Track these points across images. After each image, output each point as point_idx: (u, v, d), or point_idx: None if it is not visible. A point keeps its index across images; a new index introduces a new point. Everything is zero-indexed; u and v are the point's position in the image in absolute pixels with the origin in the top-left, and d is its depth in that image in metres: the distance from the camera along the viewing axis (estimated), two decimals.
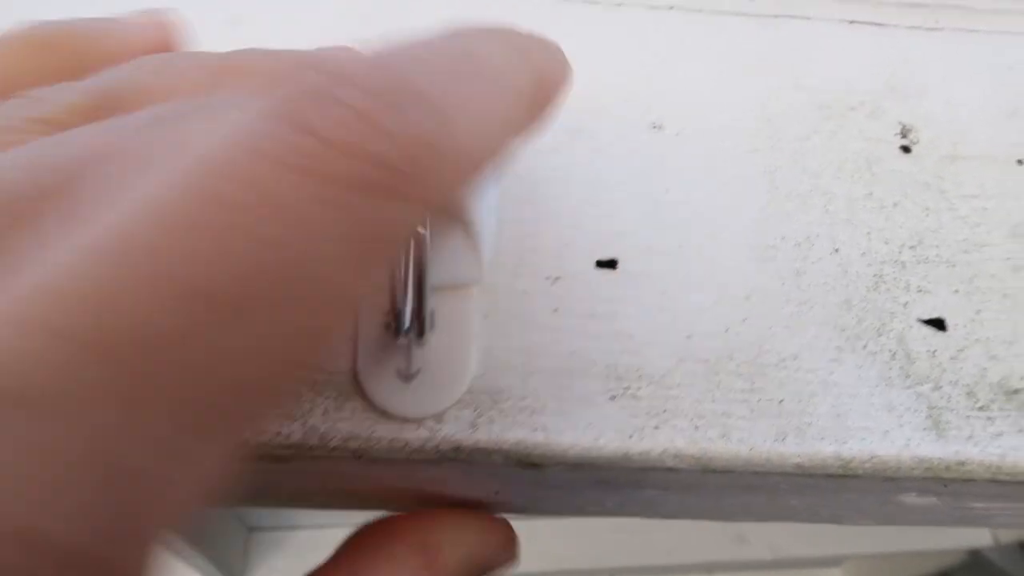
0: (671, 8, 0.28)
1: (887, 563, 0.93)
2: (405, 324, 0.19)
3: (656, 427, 0.21)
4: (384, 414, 0.20)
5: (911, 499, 0.23)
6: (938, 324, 0.23)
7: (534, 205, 0.24)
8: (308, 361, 0.13)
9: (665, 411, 0.21)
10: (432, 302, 0.21)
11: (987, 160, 0.26)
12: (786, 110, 0.26)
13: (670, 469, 0.21)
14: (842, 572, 0.96)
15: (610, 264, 0.23)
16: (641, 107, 0.26)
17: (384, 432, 0.20)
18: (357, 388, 0.21)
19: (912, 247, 0.24)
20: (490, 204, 0.23)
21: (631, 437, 0.21)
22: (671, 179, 0.24)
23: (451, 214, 0.22)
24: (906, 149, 0.26)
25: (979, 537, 0.86)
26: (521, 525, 0.23)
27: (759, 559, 0.89)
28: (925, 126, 0.26)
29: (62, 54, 0.18)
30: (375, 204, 0.12)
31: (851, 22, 0.28)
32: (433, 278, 0.21)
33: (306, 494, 0.24)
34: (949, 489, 0.22)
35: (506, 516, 0.24)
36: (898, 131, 0.26)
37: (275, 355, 0.12)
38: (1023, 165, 0.26)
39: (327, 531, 0.71)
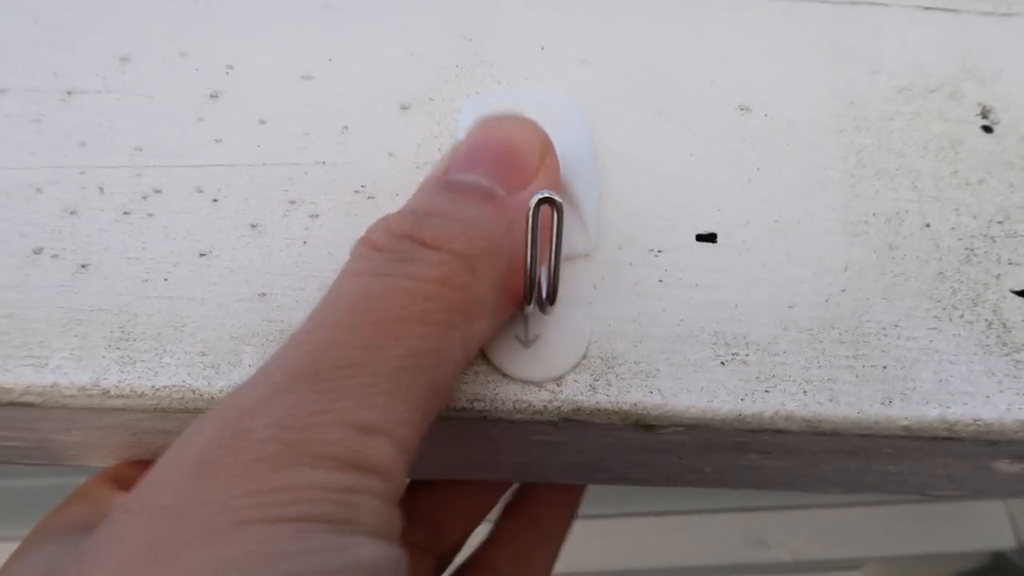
0: None
1: (907, 566, 0.93)
2: (536, 294, 0.20)
3: (767, 391, 0.22)
4: (506, 377, 0.21)
5: (1004, 466, 0.24)
6: None
7: (632, 181, 0.25)
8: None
9: (774, 376, 0.22)
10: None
11: None
12: (867, 93, 0.27)
13: (780, 431, 0.22)
14: (862, 575, 0.96)
15: (710, 238, 0.24)
16: (728, 89, 0.26)
17: (508, 394, 0.21)
18: (481, 353, 0.21)
19: (1000, 222, 0.25)
20: (591, 182, 0.24)
21: (743, 400, 0.21)
22: (761, 158, 0.25)
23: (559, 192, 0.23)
24: (987, 129, 0.26)
25: (1002, 539, 0.86)
26: None
27: (779, 561, 0.89)
28: (1005, 108, 0.27)
29: None
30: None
31: (926, 8, 0.29)
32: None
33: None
34: None
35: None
36: (978, 112, 0.27)
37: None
38: None
39: None
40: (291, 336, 0.18)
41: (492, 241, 0.19)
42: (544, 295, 0.20)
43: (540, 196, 0.19)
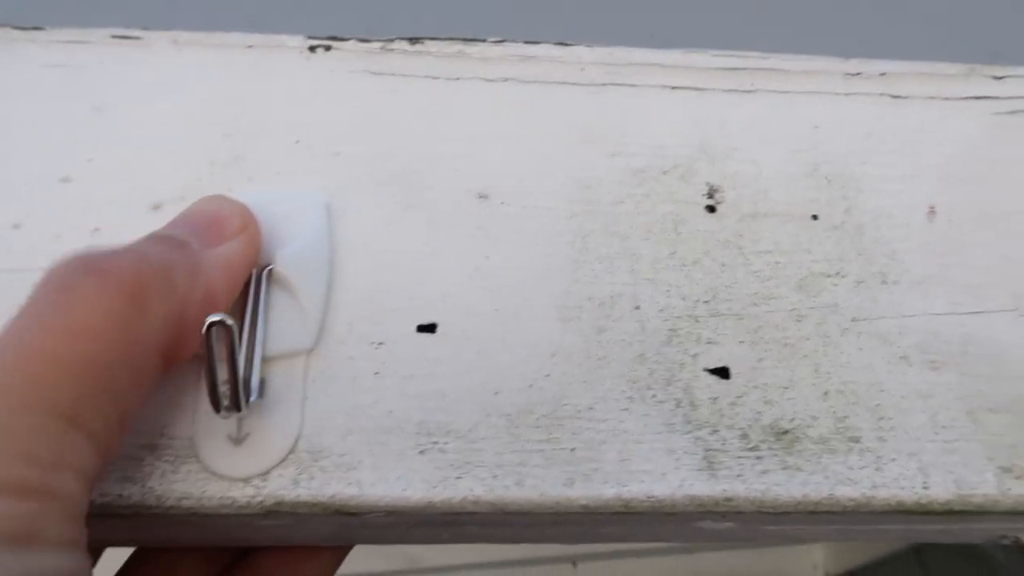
0: (506, 80, 0.30)
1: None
2: (221, 400, 0.22)
3: (459, 478, 0.24)
4: (214, 475, 0.23)
5: (708, 525, 0.26)
6: (722, 373, 0.26)
7: (366, 276, 0.26)
8: None
9: (468, 463, 0.24)
10: (260, 372, 0.24)
11: (785, 216, 0.29)
12: (603, 177, 0.29)
13: (471, 514, 0.24)
14: (822, 547, 0.99)
15: (430, 328, 0.26)
16: (471, 177, 0.28)
17: (214, 491, 0.23)
18: (193, 452, 0.23)
19: (706, 302, 0.27)
20: (320, 277, 0.26)
21: (435, 487, 0.23)
22: (492, 246, 0.27)
23: (283, 286, 0.25)
24: (711, 209, 0.29)
25: None
26: None
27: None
28: (731, 186, 0.29)
29: None
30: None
31: (673, 88, 0.31)
32: (268, 347, 0.24)
33: (165, 542, 0.27)
34: (739, 517, 0.25)
35: None
36: (705, 192, 0.29)
37: None
38: (817, 220, 0.29)
39: None
40: None
41: (166, 280, 0.21)
42: (229, 403, 0.22)
43: (212, 319, 0.21)
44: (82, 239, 0.26)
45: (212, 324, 0.21)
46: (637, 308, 0.27)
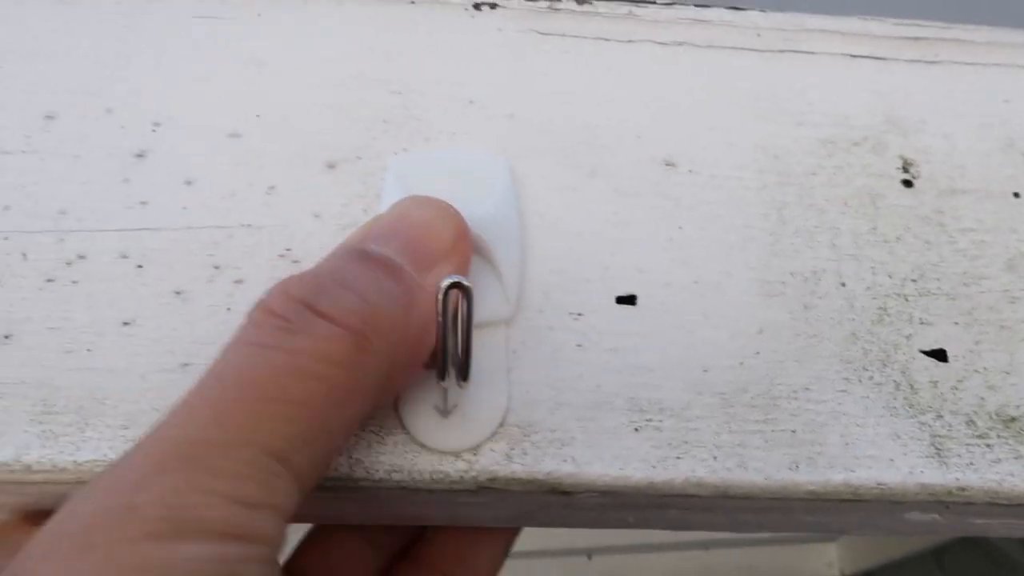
0: (681, 44, 0.29)
1: (882, 538, 0.95)
2: (448, 369, 0.20)
3: (678, 457, 0.22)
4: (424, 447, 0.22)
5: (915, 516, 0.25)
6: (939, 355, 0.24)
7: (555, 243, 0.25)
8: None
9: (685, 442, 0.22)
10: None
11: (983, 193, 0.27)
12: (791, 146, 0.27)
13: (689, 496, 0.22)
14: (837, 547, 0.98)
15: (629, 300, 0.24)
16: (654, 144, 0.27)
17: (425, 464, 0.21)
18: (399, 423, 0.22)
19: (914, 280, 0.25)
20: (514, 245, 0.24)
21: (655, 467, 0.22)
22: (684, 216, 0.26)
23: (478, 250, 0.23)
24: (907, 183, 0.27)
25: None
26: None
27: (756, 535, 0.91)
28: (925, 160, 0.28)
29: None
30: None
31: (852, 56, 0.29)
32: None
33: (358, 518, 0.26)
34: (951, 509, 0.24)
35: None
36: (899, 166, 0.27)
37: None
38: (1020, 199, 0.27)
39: None
40: (175, 408, 0.18)
41: (389, 319, 0.20)
42: (456, 373, 0.21)
43: (450, 280, 0.19)
44: (257, 196, 0.25)
45: (451, 286, 0.19)
46: (843, 285, 0.25)
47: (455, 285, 0.19)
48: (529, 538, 0.30)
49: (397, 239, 0.21)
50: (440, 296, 0.19)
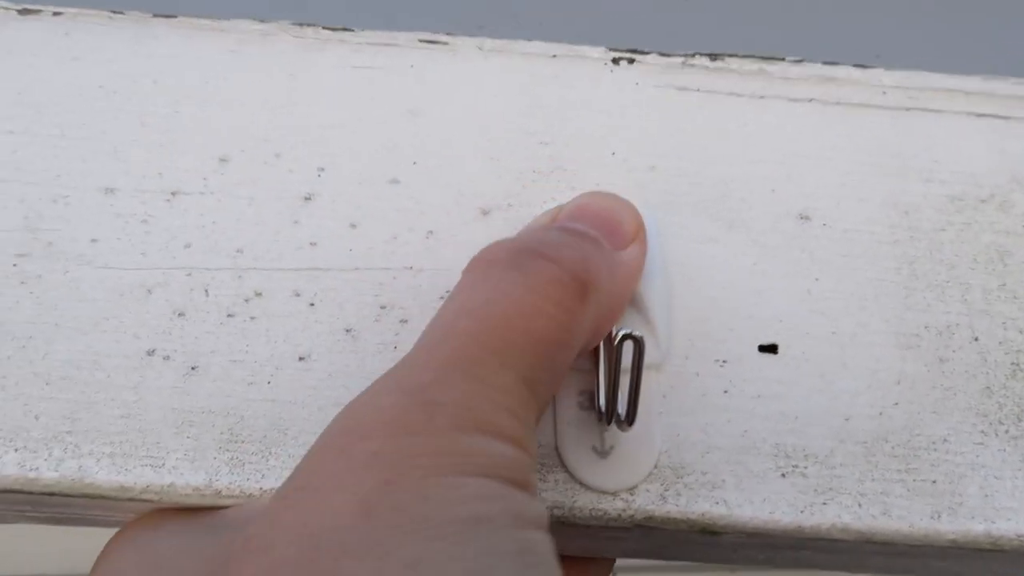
0: (811, 101, 0.30)
1: None
2: (615, 411, 0.22)
3: (824, 503, 0.23)
4: (583, 486, 0.23)
5: None
6: None
7: (698, 293, 0.26)
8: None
9: (831, 489, 0.23)
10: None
11: None
12: (920, 203, 0.28)
13: (835, 540, 0.23)
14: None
15: (771, 348, 0.25)
16: (789, 199, 0.28)
17: (585, 502, 0.23)
18: (559, 462, 0.23)
19: None
20: (663, 292, 0.25)
21: (802, 512, 0.23)
22: (820, 268, 0.27)
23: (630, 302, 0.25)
24: None
25: None
26: None
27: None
28: None
29: None
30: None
31: (978, 115, 0.30)
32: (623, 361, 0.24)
33: None
34: None
35: None
36: None
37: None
38: None
39: None
40: (427, 335, 0.20)
41: (600, 276, 0.21)
42: (624, 418, 0.22)
43: (624, 332, 0.20)
44: (418, 239, 0.27)
45: (625, 337, 0.20)
46: (976, 339, 0.26)
47: (628, 336, 0.20)
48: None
49: (587, 219, 0.23)
50: (616, 342, 0.21)
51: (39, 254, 0.26)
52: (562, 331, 0.20)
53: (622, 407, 0.22)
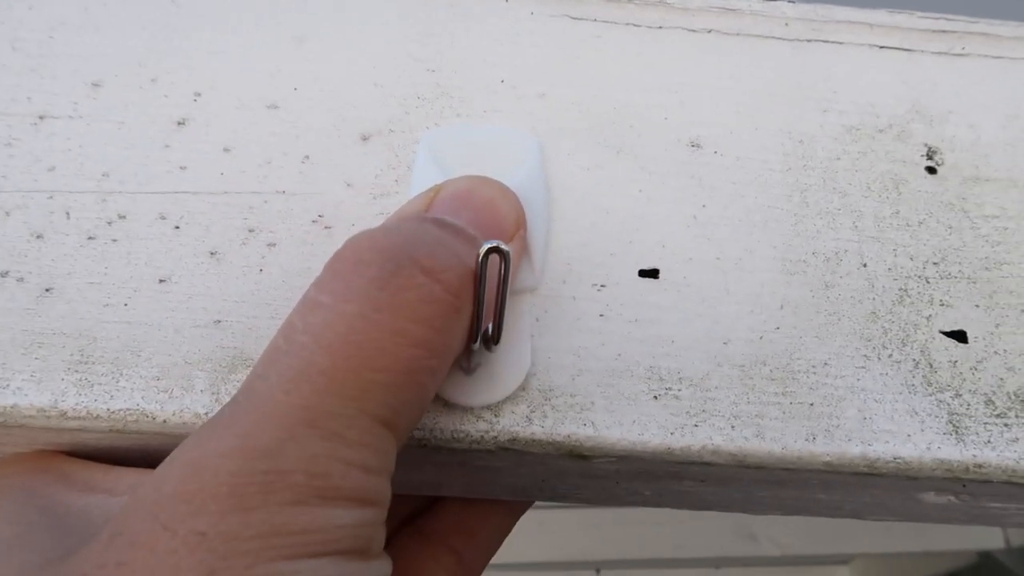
0: (710, 32, 0.29)
1: (895, 563, 0.94)
2: (481, 328, 0.21)
3: (696, 425, 0.22)
4: (446, 404, 0.22)
5: (930, 497, 0.25)
6: (959, 336, 0.24)
7: (581, 218, 0.25)
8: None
9: (704, 411, 0.23)
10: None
11: (1008, 182, 0.27)
12: (816, 132, 0.28)
13: (707, 464, 0.22)
14: (849, 571, 0.97)
15: (652, 273, 0.25)
16: (681, 126, 0.27)
17: (447, 423, 0.22)
18: None
19: (936, 263, 0.26)
20: (542, 217, 0.25)
21: (672, 434, 0.22)
22: (708, 195, 0.26)
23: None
24: (931, 170, 0.27)
25: (990, 539, 0.87)
26: (533, 516, 0.25)
27: (767, 555, 0.90)
28: (950, 149, 0.28)
29: None
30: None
31: (880, 47, 0.30)
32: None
33: None
34: (967, 489, 0.24)
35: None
36: (924, 153, 0.28)
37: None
38: None
39: None
40: (279, 373, 0.18)
41: (472, 279, 0.20)
42: (489, 336, 0.21)
43: (490, 245, 0.20)
44: (292, 164, 0.26)
45: (490, 251, 0.19)
46: (864, 266, 0.25)
47: (495, 250, 0.20)
48: (537, 550, 0.31)
49: (466, 213, 0.21)
50: (479, 260, 0.20)
51: None
52: (432, 356, 0.19)
53: (491, 330, 0.21)
